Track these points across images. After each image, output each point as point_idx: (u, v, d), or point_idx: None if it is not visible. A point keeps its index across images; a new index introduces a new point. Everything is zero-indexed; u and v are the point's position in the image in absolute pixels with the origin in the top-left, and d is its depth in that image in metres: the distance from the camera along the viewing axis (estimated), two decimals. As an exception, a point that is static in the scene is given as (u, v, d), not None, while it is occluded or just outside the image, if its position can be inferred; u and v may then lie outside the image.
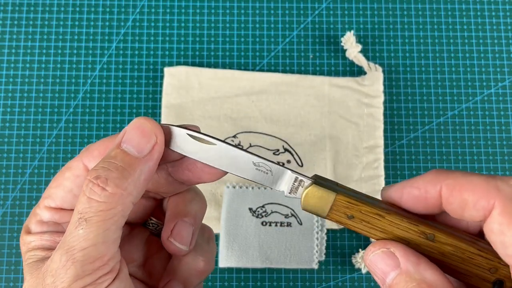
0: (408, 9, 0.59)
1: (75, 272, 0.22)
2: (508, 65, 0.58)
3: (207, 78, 0.56)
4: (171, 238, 0.28)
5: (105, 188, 0.23)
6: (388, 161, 0.56)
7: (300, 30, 0.58)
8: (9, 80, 0.57)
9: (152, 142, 0.24)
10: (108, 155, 0.24)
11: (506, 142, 0.56)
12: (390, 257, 0.24)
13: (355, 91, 0.55)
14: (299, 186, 0.27)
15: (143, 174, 0.24)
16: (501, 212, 0.23)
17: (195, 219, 0.29)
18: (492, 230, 0.23)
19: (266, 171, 0.27)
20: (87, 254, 0.22)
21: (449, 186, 0.25)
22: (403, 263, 0.24)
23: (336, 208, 0.26)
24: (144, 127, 0.24)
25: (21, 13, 0.58)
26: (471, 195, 0.24)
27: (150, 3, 0.59)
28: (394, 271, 0.24)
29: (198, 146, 0.26)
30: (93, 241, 0.22)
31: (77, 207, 0.23)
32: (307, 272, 0.53)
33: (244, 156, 0.26)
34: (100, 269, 0.22)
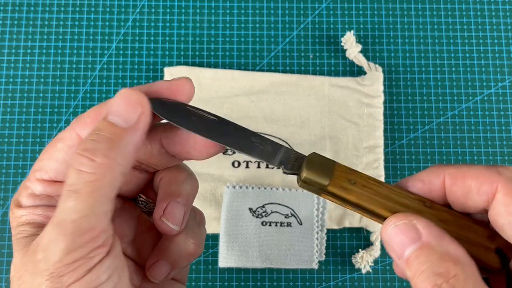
0: (408, 9, 0.59)
1: (66, 245, 0.21)
2: (508, 65, 0.58)
3: (207, 78, 0.56)
4: (163, 218, 0.28)
5: (94, 159, 0.22)
6: (388, 161, 0.56)
7: (300, 30, 0.58)
8: (9, 80, 0.57)
9: (138, 112, 0.24)
10: (95, 128, 0.24)
11: (506, 142, 0.56)
12: (412, 229, 0.23)
13: (355, 91, 0.55)
14: (295, 161, 0.27)
15: (131, 144, 0.24)
16: (505, 194, 0.23)
17: (187, 199, 0.29)
18: (498, 213, 0.23)
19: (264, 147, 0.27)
20: (77, 226, 0.21)
21: (451, 175, 0.25)
22: (425, 236, 0.23)
23: (339, 173, 0.26)
24: (130, 98, 0.24)
25: (21, 13, 0.58)
26: (474, 181, 0.24)
27: (150, 3, 0.59)
28: (415, 244, 0.23)
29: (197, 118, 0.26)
30: (83, 212, 0.22)
31: (66, 181, 0.23)
32: (307, 272, 0.53)
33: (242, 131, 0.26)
34: (91, 242, 0.22)
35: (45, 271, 0.21)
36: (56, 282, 0.21)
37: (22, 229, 0.25)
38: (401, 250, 0.23)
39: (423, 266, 0.22)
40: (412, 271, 0.22)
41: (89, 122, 0.25)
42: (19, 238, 0.24)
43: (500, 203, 0.23)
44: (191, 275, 0.53)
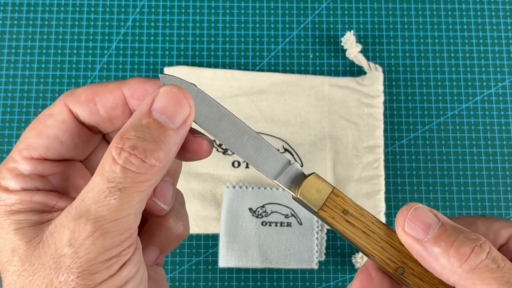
0: (408, 9, 0.59)
1: (103, 243, 0.21)
2: (508, 65, 0.58)
3: (207, 78, 0.56)
4: (154, 198, 0.27)
5: (145, 160, 0.21)
6: (388, 161, 0.56)
7: (300, 30, 0.58)
8: (9, 80, 0.57)
9: (186, 113, 0.23)
10: (138, 123, 0.22)
11: (506, 142, 0.56)
12: (430, 212, 0.24)
13: (355, 91, 0.55)
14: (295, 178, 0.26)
15: (177, 146, 0.23)
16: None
17: (174, 178, 0.28)
18: None
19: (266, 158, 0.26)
20: (119, 225, 0.21)
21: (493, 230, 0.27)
22: (443, 217, 0.24)
23: (332, 200, 0.26)
24: (178, 97, 0.23)
25: (21, 13, 0.58)
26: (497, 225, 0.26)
27: (150, 3, 0.59)
28: (437, 223, 0.24)
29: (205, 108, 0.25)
30: (127, 212, 0.21)
31: (105, 175, 0.21)
32: (307, 272, 0.53)
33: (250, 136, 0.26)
34: (126, 241, 0.22)
35: (75, 268, 0.20)
36: (87, 280, 0.20)
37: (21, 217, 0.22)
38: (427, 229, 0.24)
39: (453, 237, 0.23)
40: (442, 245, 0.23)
41: (84, 100, 0.24)
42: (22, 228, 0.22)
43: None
44: (191, 275, 0.53)
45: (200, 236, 0.54)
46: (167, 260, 0.53)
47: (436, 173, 0.55)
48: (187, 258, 0.53)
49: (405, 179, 0.55)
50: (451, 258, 0.22)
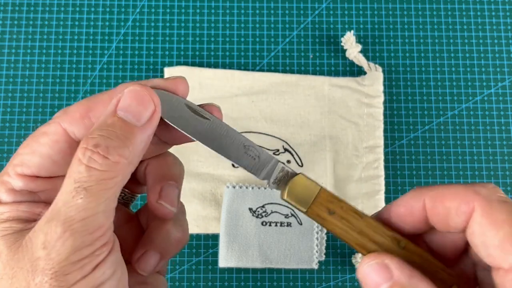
0: (408, 9, 0.59)
1: (73, 243, 0.21)
2: (508, 65, 0.58)
3: (207, 78, 0.56)
4: (160, 201, 0.27)
5: (107, 156, 0.22)
6: (388, 161, 0.56)
7: (300, 30, 0.58)
8: (9, 80, 0.57)
9: (150, 110, 0.23)
10: (103, 122, 0.23)
11: (506, 142, 0.56)
12: (384, 269, 0.24)
13: (355, 91, 0.55)
14: (283, 177, 0.27)
15: (143, 143, 0.23)
16: (481, 213, 0.23)
17: (178, 181, 0.29)
18: (473, 232, 0.24)
19: (254, 157, 0.26)
20: (87, 224, 0.21)
21: (431, 197, 0.25)
22: (397, 275, 0.24)
23: (319, 201, 0.26)
24: (141, 95, 0.23)
25: (21, 13, 0.58)
26: (453, 202, 0.24)
27: (150, 3, 0.59)
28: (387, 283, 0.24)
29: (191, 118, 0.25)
30: (94, 210, 0.21)
31: (72, 176, 0.22)
32: (307, 272, 0.53)
33: (235, 137, 0.26)
34: (98, 240, 0.22)
35: (48, 270, 0.21)
36: (60, 281, 0.21)
37: (7, 225, 0.23)
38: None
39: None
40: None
41: (79, 118, 0.24)
42: (6, 235, 0.23)
43: (476, 222, 0.23)
44: (191, 275, 0.53)
45: (200, 236, 0.54)
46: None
47: (436, 173, 0.55)
48: (187, 258, 0.53)
49: (405, 179, 0.55)
50: None
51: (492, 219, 0.23)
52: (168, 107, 0.25)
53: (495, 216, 0.23)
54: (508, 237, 0.22)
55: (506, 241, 0.22)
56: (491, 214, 0.23)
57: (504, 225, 0.22)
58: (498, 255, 0.22)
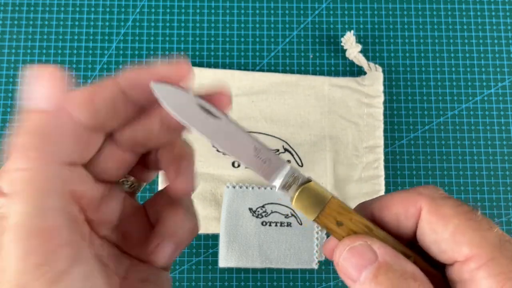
0: (408, 9, 0.59)
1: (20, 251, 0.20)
2: (508, 65, 0.58)
3: (207, 78, 0.56)
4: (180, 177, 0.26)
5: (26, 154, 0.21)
6: (388, 161, 0.56)
7: (300, 30, 0.58)
8: (9, 80, 0.57)
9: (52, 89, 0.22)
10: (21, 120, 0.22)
11: (506, 142, 0.56)
12: (368, 250, 0.23)
13: (355, 91, 0.55)
14: (293, 183, 0.26)
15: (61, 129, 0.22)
16: (428, 212, 0.23)
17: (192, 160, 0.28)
18: (423, 232, 0.23)
19: (265, 160, 0.25)
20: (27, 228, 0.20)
21: (377, 208, 0.25)
22: (382, 255, 0.23)
23: (328, 211, 0.25)
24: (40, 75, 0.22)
25: (21, 13, 0.58)
26: (400, 207, 0.24)
27: (150, 3, 0.59)
28: (371, 265, 0.22)
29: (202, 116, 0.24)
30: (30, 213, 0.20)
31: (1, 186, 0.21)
32: (307, 272, 0.53)
33: (246, 138, 0.25)
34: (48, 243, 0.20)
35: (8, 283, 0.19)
36: None
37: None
38: (358, 272, 0.23)
39: (382, 286, 0.22)
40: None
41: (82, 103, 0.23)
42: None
43: (424, 221, 0.23)
44: (191, 275, 0.53)
45: (200, 236, 0.54)
46: (167, 260, 0.53)
47: (436, 173, 0.55)
48: (187, 258, 0.53)
49: (405, 179, 0.55)
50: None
51: (440, 215, 0.23)
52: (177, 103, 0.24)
53: (442, 212, 0.23)
54: (457, 229, 0.22)
55: (456, 233, 0.22)
56: (438, 211, 0.23)
57: (452, 219, 0.22)
58: (450, 249, 0.22)
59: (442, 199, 0.23)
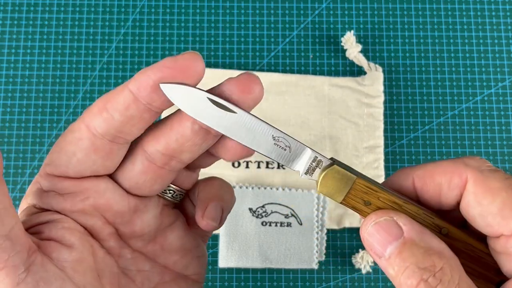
0: (408, 9, 0.59)
1: None
2: (508, 65, 0.58)
3: (207, 78, 0.56)
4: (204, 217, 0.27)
5: None
6: (388, 161, 0.56)
7: (300, 30, 0.58)
8: (9, 80, 0.57)
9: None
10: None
11: (506, 142, 0.56)
12: (393, 226, 0.23)
13: (355, 91, 0.55)
14: (316, 167, 0.25)
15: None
16: (474, 184, 0.23)
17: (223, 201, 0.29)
18: (468, 204, 0.23)
19: (285, 147, 0.25)
20: None
21: (420, 175, 0.25)
22: (407, 231, 0.22)
23: (354, 193, 0.25)
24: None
25: (21, 13, 0.58)
26: (443, 177, 0.24)
27: (150, 3, 0.59)
28: (397, 240, 0.22)
29: (216, 112, 0.24)
30: None
31: None
32: (307, 272, 0.53)
33: (264, 128, 0.25)
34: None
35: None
36: None
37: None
38: (383, 247, 0.22)
39: (407, 262, 0.21)
40: (395, 269, 0.22)
41: (96, 112, 0.23)
42: None
43: (470, 193, 0.23)
44: (191, 275, 0.53)
45: (200, 236, 0.54)
46: (167, 260, 0.53)
47: (436, 173, 0.55)
48: (187, 258, 0.53)
49: (405, 179, 0.55)
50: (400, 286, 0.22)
51: (487, 187, 0.22)
52: (189, 101, 0.24)
53: (489, 184, 0.22)
54: (506, 203, 0.22)
55: (504, 207, 0.22)
56: (485, 183, 0.22)
57: (500, 192, 0.22)
58: (497, 223, 0.22)
59: (490, 171, 0.23)
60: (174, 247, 0.28)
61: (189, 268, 0.29)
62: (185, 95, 0.24)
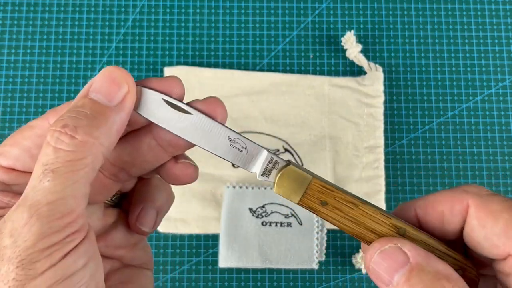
0: (408, 9, 0.59)
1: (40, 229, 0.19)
2: (508, 65, 0.58)
3: (207, 78, 0.56)
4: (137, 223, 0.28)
5: (75, 136, 0.21)
6: (388, 161, 0.55)
7: (300, 30, 0.58)
8: (9, 80, 0.57)
9: (123, 90, 0.22)
10: (74, 105, 0.22)
11: (506, 142, 0.56)
12: (398, 253, 0.23)
13: (355, 91, 0.55)
14: (273, 168, 0.25)
15: (115, 125, 0.22)
16: (476, 208, 0.23)
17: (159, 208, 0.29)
18: (472, 228, 0.23)
19: (241, 149, 0.25)
20: (54, 208, 0.20)
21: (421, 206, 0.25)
22: (413, 257, 0.22)
23: (310, 193, 0.25)
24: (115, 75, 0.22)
25: (21, 13, 0.58)
26: (445, 204, 0.24)
27: (150, 3, 0.59)
28: (403, 268, 0.22)
29: (172, 113, 0.24)
30: (62, 194, 0.20)
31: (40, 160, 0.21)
32: (307, 272, 0.53)
33: (219, 130, 0.25)
34: (68, 226, 0.20)
35: (14, 258, 0.19)
36: (28, 270, 0.19)
37: None
38: (390, 275, 0.22)
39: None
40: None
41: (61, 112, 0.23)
42: None
43: (473, 217, 0.23)
44: (191, 275, 0.53)
45: (200, 236, 0.54)
46: (167, 260, 0.53)
47: (436, 173, 0.55)
48: (187, 258, 0.53)
49: (405, 179, 0.55)
50: None
51: (489, 211, 0.23)
52: (144, 102, 0.24)
53: (490, 208, 0.23)
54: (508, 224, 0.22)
55: (508, 228, 0.22)
56: (486, 207, 0.23)
57: (502, 214, 0.22)
58: (503, 243, 0.22)
59: (489, 196, 0.24)
60: (118, 244, 0.29)
61: (135, 259, 0.30)
62: (140, 96, 0.24)
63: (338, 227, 0.25)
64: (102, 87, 0.22)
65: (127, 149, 0.25)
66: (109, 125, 0.22)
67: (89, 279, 0.21)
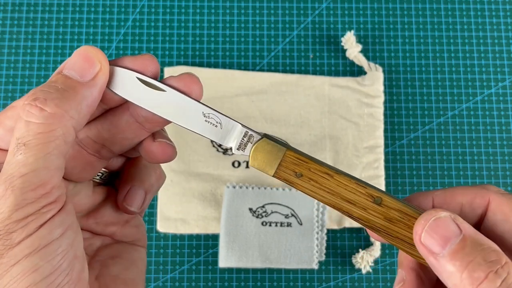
0: (408, 9, 0.59)
1: (14, 201, 0.20)
2: (508, 65, 0.58)
3: (207, 78, 0.56)
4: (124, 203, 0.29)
5: (44, 108, 0.21)
6: (388, 161, 0.56)
7: (300, 30, 0.58)
8: (9, 80, 0.57)
9: (96, 68, 0.23)
10: (48, 81, 0.23)
11: (506, 142, 0.56)
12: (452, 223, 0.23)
13: (355, 91, 0.55)
14: (248, 142, 0.26)
15: (85, 100, 0.23)
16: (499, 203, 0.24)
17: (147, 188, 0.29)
18: (495, 222, 0.24)
19: (216, 124, 0.25)
20: (27, 180, 0.20)
21: (440, 195, 0.26)
22: (466, 229, 0.22)
23: (285, 165, 0.25)
24: (89, 53, 0.23)
25: (21, 13, 0.58)
26: (465, 197, 0.25)
27: (150, 3, 0.59)
28: (457, 237, 0.22)
29: (146, 91, 0.25)
30: (33, 166, 0.20)
31: (14, 135, 0.21)
32: (307, 272, 0.53)
33: (194, 105, 0.25)
34: (43, 198, 0.21)
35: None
36: (5, 240, 0.20)
37: None
38: (442, 245, 0.22)
39: (471, 257, 0.22)
40: (456, 264, 0.22)
41: None
42: None
43: (497, 212, 0.24)
44: (191, 275, 0.53)
45: (200, 236, 0.54)
46: (167, 260, 0.53)
47: (436, 173, 0.55)
48: (187, 258, 0.53)
49: (405, 179, 0.55)
50: (463, 280, 0.21)
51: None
52: (118, 80, 0.25)
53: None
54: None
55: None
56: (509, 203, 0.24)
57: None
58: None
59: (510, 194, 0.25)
60: (109, 221, 0.30)
61: (128, 236, 0.30)
62: (114, 74, 0.25)
63: (315, 198, 0.25)
64: (76, 64, 0.23)
65: (106, 126, 0.26)
66: (79, 99, 0.22)
67: (67, 248, 0.21)
